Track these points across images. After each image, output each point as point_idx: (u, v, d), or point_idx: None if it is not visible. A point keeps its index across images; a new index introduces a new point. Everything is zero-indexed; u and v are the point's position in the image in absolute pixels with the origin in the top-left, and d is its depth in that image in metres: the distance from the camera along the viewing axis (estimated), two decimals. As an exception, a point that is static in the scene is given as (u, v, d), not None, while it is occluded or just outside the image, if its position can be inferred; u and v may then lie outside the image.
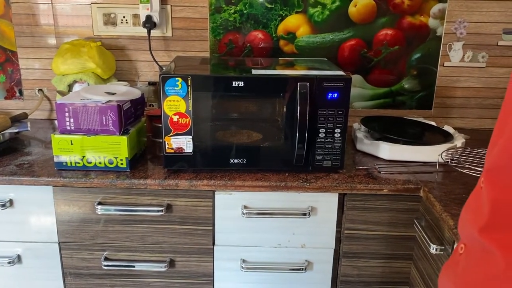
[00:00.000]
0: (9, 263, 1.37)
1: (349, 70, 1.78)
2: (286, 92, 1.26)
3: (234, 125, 1.34)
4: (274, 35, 1.75)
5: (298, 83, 1.24)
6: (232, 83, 1.24)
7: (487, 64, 1.80)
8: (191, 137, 1.28)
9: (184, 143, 1.28)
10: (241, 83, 1.24)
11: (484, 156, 1.42)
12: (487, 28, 1.75)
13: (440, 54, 1.78)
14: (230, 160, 1.31)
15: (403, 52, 1.77)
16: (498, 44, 1.77)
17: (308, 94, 1.23)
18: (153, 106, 1.71)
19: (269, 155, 1.33)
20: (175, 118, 1.26)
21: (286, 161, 1.32)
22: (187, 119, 1.26)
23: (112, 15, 1.73)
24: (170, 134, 1.27)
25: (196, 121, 1.27)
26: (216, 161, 1.32)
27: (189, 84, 1.23)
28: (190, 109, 1.25)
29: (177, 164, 1.31)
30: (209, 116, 1.30)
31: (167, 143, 1.28)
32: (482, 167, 1.32)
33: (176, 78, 1.22)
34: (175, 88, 1.23)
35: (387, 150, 1.43)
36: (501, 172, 0.55)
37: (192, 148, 1.29)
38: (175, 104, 1.24)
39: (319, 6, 1.71)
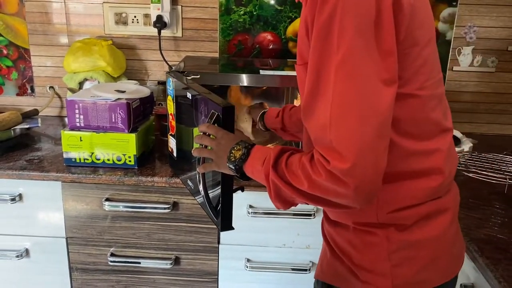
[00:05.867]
0: (17, 256, 1.39)
1: (357, 73, 1.78)
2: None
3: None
4: (283, 37, 1.76)
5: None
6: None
7: (497, 69, 1.79)
8: (175, 141, 1.23)
9: (174, 145, 1.25)
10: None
11: (492, 161, 1.42)
12: (497, 33, 1.75)
13: (449, 58, 1.78)
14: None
15: (412, 55, 1.76)
16: (508, 49, 1.76)
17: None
18: (162, 105, 1.72)
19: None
20: (170, 118, 1.23)
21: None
22: (174, 121, 1.21)
23: (124, 15, 1.76)
24: (169, 133, 1.26)
25: (178, 125, 1.20)
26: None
27: (173, 86, 1.18)
28: (174, 112, 1.20)
29: (173, 165, 1.31)
30: (190, 122, 1.15)
31: (169, 142, 1.28)
32: (489, 172, 1.31)
33: (169, 78, 1.19)
34: (169, 88, 1.21)
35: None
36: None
37: (176, 153, 1.25)
38: (170, 104, 1.22)
39: (328, 8, 1.71)
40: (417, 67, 0.74)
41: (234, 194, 0.94)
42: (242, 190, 0.99)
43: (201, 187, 0.95)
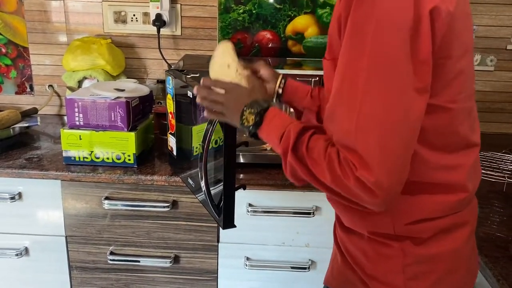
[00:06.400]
0: (16, 255, 1.39)
1: (356, 71, 1.79)
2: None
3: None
4: (282, 36, 1.76)
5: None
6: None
7: (495, 68, 1.79)
8: (175, 139, 1.23)
9: (173, 144, 1.25)
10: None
11: (491, 159, 1.42)
12: (496, 32, 1.75)
13: (448, 57, 1.78)
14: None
15: (411, 54, 1.76)
16: (507, 48, 1.76)
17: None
18: (161, 103, 1.72)
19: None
20: (170, 116, 1.23)
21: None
22: (174, 120, 1.21)
23: (123, 13, 1.75)
24: (169, 132, 1.26)
25: (178, 123, 1.20)
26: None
27: (173, 84, 1.18)
28: (174, 111, 1.20)
29: (172, 163, 1.31)
30: (190, 120, 1.17)
31: (169, 140, 1.28)
32: (488, 170, 1.31)
33: (169, 77, 1.19)
34: (169, 86, 1.21)
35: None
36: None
37: (175, 151, 1.25)
38: (170, 103, 1.22)
39: (327, 7, 1.72)
40: (449, 80, 0.71)
41: (235, 192, 0.94)
42: (244, 188, 1.00)
43: (203, 183, 0.95)
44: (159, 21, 1.70)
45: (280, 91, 1.03)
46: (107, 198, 1.34)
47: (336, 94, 0.69)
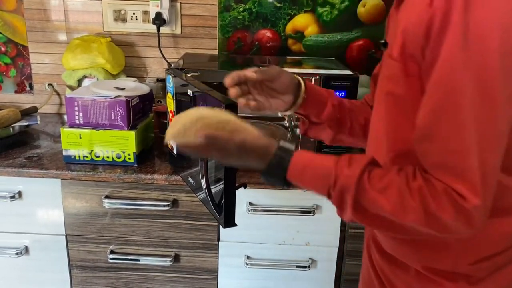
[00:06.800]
0: (16, 254, 1.39)
1: (356, 70, 1.78)
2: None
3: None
4: (282, 34, 1.76)
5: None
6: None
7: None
8: None
9: (173, 143, 1.24)
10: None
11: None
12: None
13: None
14: None
15: (411, 53, 1.76)
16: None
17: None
18: (161, 102, 1.72)
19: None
20: (170, 115, 1.24)
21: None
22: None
23: (122, 12, 1.75)
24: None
25: None
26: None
27: (173, 83, 1.18)
28: (174, 109, 1.20)
29: (172, 162, 1.31)
30: None
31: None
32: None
33: (169, 75, 1.19)
34: (169, 85, 1.20)
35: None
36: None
37: (175, 150, 1.25)
38: (170, 102, 1.22)
39: (327, 5, 1.72)
40: None
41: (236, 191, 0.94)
42: (245, 187, 0.99)
43: (203, 182, 0.95)
44: (159, 20, 1.70)
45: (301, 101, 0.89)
46: (107, 197, 1.34)
47: (433, 111, 0.63)
